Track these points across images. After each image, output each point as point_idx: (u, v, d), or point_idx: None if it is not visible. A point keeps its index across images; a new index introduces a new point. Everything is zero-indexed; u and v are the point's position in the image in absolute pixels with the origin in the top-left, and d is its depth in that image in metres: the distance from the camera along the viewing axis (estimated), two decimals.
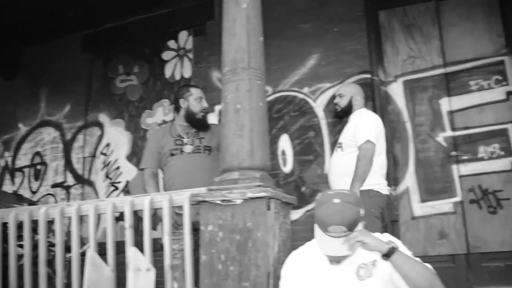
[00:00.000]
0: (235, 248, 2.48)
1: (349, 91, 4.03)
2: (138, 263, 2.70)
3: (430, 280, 2.06)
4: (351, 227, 2.09)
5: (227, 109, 2.70)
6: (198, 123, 3.73)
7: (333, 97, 4.23)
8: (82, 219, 4.67)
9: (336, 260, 2.19)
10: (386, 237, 2.27)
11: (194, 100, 3.75)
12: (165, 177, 3.73)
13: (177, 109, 3.83)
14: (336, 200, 2.11)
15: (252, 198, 2.48)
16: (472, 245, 4.29)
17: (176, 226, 3.28)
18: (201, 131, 3.75)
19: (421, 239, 4.44)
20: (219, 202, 2.53)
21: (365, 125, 3.77)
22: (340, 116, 4.07)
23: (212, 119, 4.55)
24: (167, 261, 2.85)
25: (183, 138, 3.70)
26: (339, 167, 3.83)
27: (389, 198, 3.94)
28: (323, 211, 2.10)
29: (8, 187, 6.06)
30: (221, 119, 2.78)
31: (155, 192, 3.60)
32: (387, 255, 2.01)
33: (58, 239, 3.15)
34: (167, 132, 3.79)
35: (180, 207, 2.88)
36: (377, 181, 3.70)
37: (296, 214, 4.49)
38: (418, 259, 2.16)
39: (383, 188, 3.76)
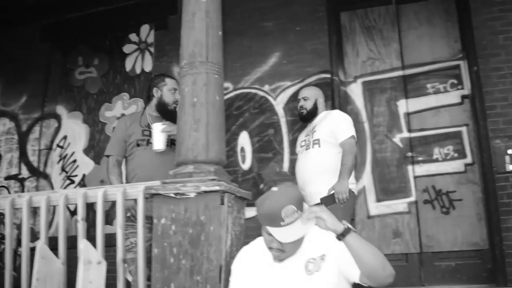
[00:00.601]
0: (187, 241, 2.47)
1: (313, 94, 4.11)
2: (89, 256, 2.66)
3: (382, 262, 2.09)
4: (299, 205, 2.12)
5: (183, 102, 2.68)
6: (169, 114, 3.62)
7: (294, 95, 4.30)
8: (36, 212, 4.61)
9: (278, 258, 2.21)
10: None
11: (168, 90, 3.68)
12: (129, 168, 3.65)
13: (149, 98, 3.75)
14: (275, 189, 2.14)
15: (206, 192, 2.47)
16: (425, 244, 4.40)
17: (134, 219, 3.24)
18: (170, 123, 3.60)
19: (376, 238, 4.52)
20: (172, 195, 2.51)
21: (345, 122, 3.91)
22: (305, 119, 4.12)
23: None
24: (119, 254, 2.82)
25: (151, 129, 3.57)
26: (317, 164, 3.85)
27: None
28: (268, 204, 2.10)
29: None
30: (178, 112, 2.76)
31: (118, 181, 3.55)
32: (342, 235, 2.02)
33: (8, 231, 3.07)
34: (136, 121, 3.69)
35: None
36: (351, 181, 3.79)
37: (252, 212, 4.48)
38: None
39: (355, 187, 3.87)
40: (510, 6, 4.33)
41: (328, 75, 4.72)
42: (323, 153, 3.84)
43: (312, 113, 4.07)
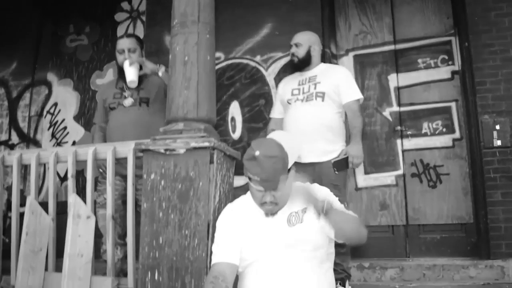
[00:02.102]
0: (176, 196, 2.50)
1: (307, 39, 3.72)
2: (78, 210, 2.69)
3: (357, 231, 2.20)
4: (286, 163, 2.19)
5: (174, 61, 2.69)
6: (124, 77, 3.51)
7: (285, 66, 4.19)
8: (26, 178, 4.62)
9: (271, 212, 2.25)
10: (325, 191, 2.35)
11: (117, 52, 3.61)
12: (107, 132, 3.62)
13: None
14: (257, 153, 2.15)
15: (195, 148, 2.49)
16: (411, 217, 4.46)
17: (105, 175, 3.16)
18: (139, 83, 3.56)
19: (363, 210, 4.58)
20: (162, 151, 2.53)
21: (353, 82, 3.65)
22: (297, 67, 3.72)
23: None
24: (109, 211, 2.85)
25: (124, 90, 3.56)
26: (321, 119, 3.50)
27: None
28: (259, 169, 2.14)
29: None
30: (169, 71, 2.77)
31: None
32: (324, 212, 2.07)
33: None
34: (112, 85, 3.69)
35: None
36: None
37: (241, 180, 4.52)
38: (349, 212, 2.25)
39: None
40: None
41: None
42: (327, 109, 3.52)
43: (305, 62, 3.67)
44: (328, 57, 4.69)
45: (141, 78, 3.54)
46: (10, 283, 2.98)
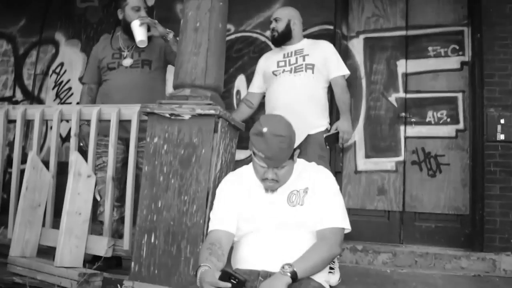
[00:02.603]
0: (178, 162, 2.50)
1: (286, 14, 3.65)
2: (79, 168, 2.69)
3: (328, 260, 2.18)
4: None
5: (186, 27, 2.67)
6: (130, 34, 3.45)
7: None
8: (27, 136, 4.61)
9: (271, 188, 2.25)
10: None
11: (130, 9, 3.50)
12: (101, 92, 3.53)
13: (119, 21, 3.60)
14: (265, 129, 2.13)
15: (200, 115, 2.49)
16: (408, 204, 4.48)
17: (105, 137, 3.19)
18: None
19: (360, 193, 4.59)
20: (167, 115, 2.53)
21: (339, 57, 3.59)
22: (278, 42, 3.63)
23: None
24: (110, 172, 2.86)
25: (123, 51, 3.49)
26: (311, 91, 3.46)
27: None
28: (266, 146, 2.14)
29: None
30: (179, 36, 2.74)
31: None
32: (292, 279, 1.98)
33: (0, 141, 3.10)
34: (108, 45, 3.59)
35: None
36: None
37: (243, 154, 4.51)
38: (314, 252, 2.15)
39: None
40: None
41: (331, 27, 4.68)
42: (316, 83, 3.47)
43: (285, 35, 3.58)
44: (338, 38, 4.67)
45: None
46: (7, 236, 3.00)
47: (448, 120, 4.50)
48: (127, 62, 3.46)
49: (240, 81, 4.90)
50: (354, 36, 4.82)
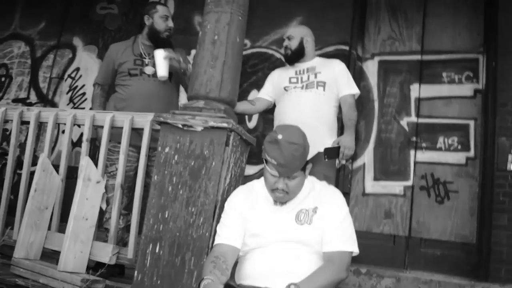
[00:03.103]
0: (188, 173, 2.49)
1: (299, 32, 3.71)
2: (89, 173, 2.70)
3: (335, 283, 2.15)
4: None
5: (204, 39, 2.68)
6: (161, 43, 3.49)
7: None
8: (39, 138, 4.63)
9: (280, 200, 2.25)
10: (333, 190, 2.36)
11: (159, 17, 3.54)
12: (120, 96, 3.52)
13: (141, 26, 3.63)
14: (279, 136, 2.15)
15: (213, 127, 2.48)
16: (414, 229, 4.45)
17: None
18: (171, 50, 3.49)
19: (367, 216, 4.57)
20: (180, 126, 2.53)
21: (350, 76, 3.62)
22: (291, 60, 3.68)
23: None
24: (118, 179, 2.87)
25: (144, 58, 3.51)
26: (321, 108, 3.48)
27: None
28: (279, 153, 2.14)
29: None
30: (197, 48, 2.75)
31: (103, 107, 3.56)
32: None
33: (12, 142, 3.12)
34: (128, 48, 3.57)
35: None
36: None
37: (252, 170, 4.53)
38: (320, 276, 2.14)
39: None
40: None
41: (347, 47, 4.71)
42: (327, 100, 3.50)
43: (298, 53, 3.63)
44: (353, 59, 4.69)
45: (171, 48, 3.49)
46: (13, 238, 3.00)
47: (459, 147, 4.48)
48: (149, 70, 3.47)
49: (253, 96, 4.87)
50: (369, 57, 4.84)
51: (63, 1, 5.83)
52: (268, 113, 4.74)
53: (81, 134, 3.17)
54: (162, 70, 3.31)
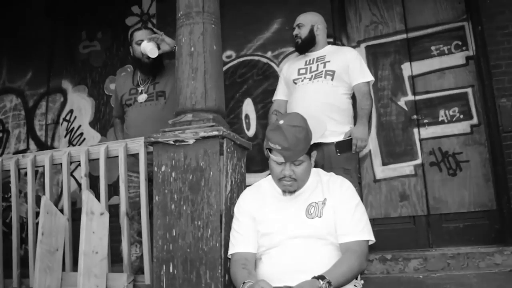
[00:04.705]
0: (187, 187, 2.48)
1: (309, 20, 3.57)
2: (92, 207, 2.69)
3: (358, 272, 2.16)
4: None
5: (181, 53, 2.68)
6: (146, 68, 3.51)
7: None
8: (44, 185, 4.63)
9: (289, 189, 2.24)
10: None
11: (135, 44, 3.54)
12: (123, 127, 3.65)
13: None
14: (281, 121, 2.18)
15: (204, 138, 2.47)
16: (432, 206, 4.38)
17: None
18: (155, 76, 3.55)
19: (383, 201, 4.51)
20: (172, 142, 2.52)
21: (364, 63, 3.50)
22: (301, 49, 3.58)
23: None
24: (123, 207, 2.85)
25: (139, 86, 3.54)
26: (329, 98, 3.35)
27: None
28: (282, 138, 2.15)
29: None
30: (176, 63, 2.76)
31: (122, 137, 3.60)
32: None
33: (13, 191, 3.12)
34: (128, 79, 3.64)
35: None
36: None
37: (251, 178, 4.49)
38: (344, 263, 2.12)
39: None
40: None
41: (331, 40, 4.67)
42: (336, 89, 3.37)
43: (309, 42, 3.51)
44: None
45: (157, 71, 3.53)
46: (29, 286, 2.99)
47: (461, 116, 4.42)
48: (142, 97, 3.49)
49: (247, 105, 4.90)
50: (355, 45, 4.79)
51: (46, 48, 5.86)
52: (266, 119, 4.76)
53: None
54: (149, 46, 3.37)
